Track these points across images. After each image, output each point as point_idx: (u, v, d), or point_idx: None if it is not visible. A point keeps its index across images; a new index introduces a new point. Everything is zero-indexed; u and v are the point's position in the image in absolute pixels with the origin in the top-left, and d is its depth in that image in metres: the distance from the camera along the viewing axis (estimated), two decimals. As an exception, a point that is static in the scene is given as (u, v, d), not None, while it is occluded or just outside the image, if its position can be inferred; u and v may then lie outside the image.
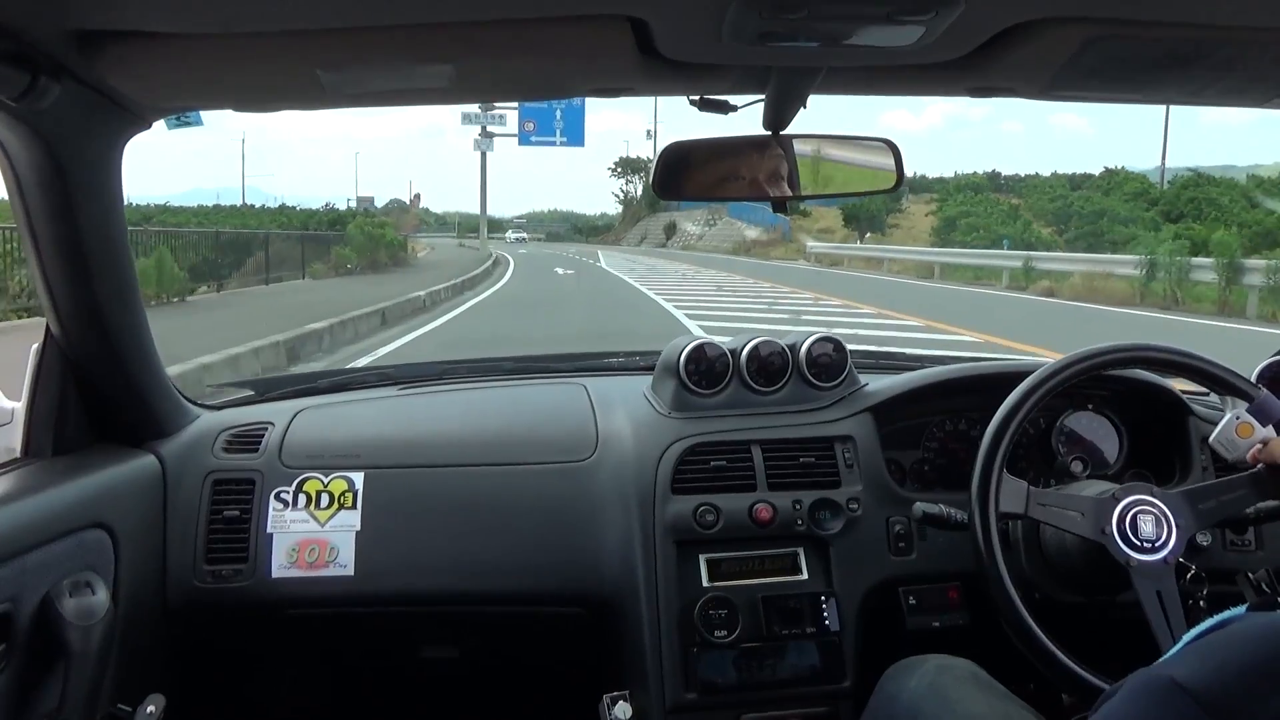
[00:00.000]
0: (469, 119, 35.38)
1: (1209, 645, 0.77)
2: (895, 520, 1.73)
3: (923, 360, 2.13)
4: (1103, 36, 1.08)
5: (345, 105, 1.32)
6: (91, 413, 1.55)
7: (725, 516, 1.69)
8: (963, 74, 1.23)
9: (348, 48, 1.09)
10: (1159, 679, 0.73)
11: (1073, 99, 1.37)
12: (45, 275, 1.39)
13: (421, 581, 1.70)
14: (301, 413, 1.87)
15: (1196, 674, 0.71)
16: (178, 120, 1.40)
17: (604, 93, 1.32)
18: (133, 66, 1.13)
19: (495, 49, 1.12)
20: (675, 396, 1.84)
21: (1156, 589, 1.38)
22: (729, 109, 1.38)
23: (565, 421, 1.87)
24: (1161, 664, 0.77)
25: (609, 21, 1.04)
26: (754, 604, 1.65)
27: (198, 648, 1.75)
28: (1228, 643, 0.76)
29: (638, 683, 1.65)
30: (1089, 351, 1.52)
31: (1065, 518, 1.45)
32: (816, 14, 0.98)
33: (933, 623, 1.70)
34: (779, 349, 1.87)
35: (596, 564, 1.70)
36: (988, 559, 1.43)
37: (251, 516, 1.69)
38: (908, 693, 1.30)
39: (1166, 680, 0.72)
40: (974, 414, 1.82)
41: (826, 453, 1.77)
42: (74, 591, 1.31)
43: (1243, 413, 1.43)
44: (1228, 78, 1.24)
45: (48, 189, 1.28)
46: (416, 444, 1.82)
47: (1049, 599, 1.53)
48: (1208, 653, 0.75)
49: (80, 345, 1.48)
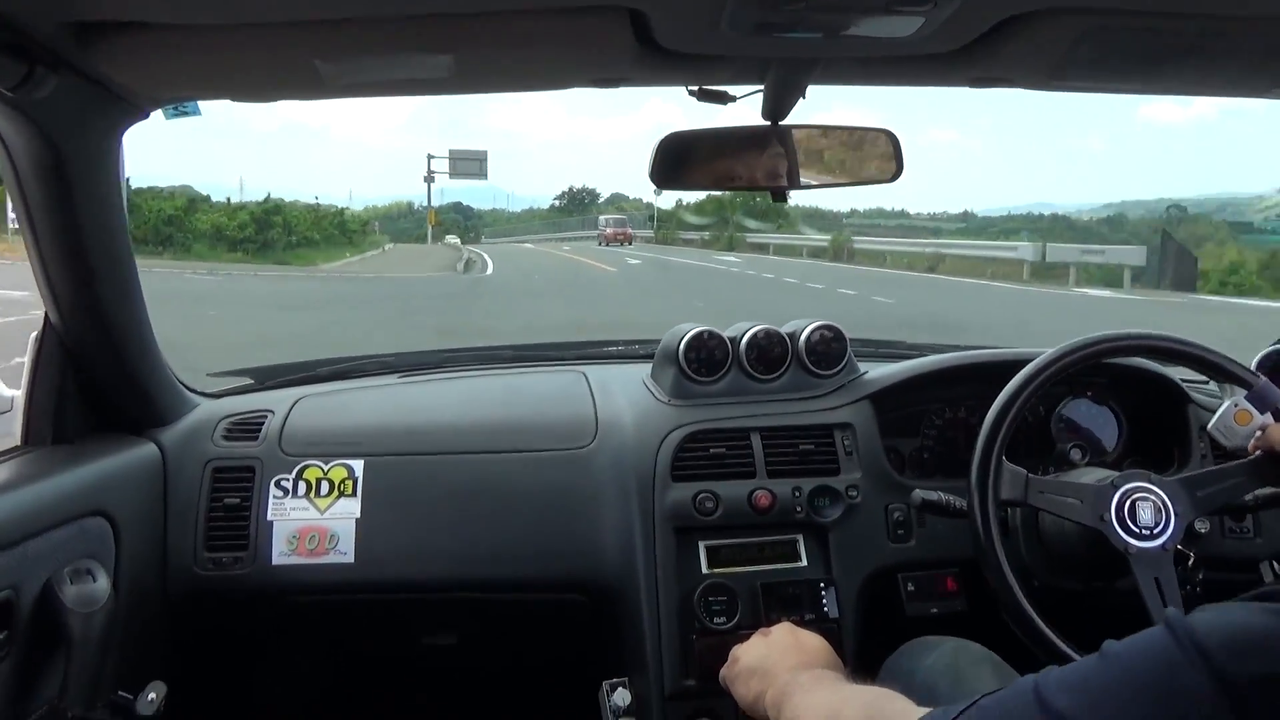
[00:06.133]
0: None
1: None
2: (894, 507, 1.73)
3: (922, 348, 2.13)
4: (1102, 27, 1.08)
5: (343, 95, 1.31)
6: (91, 401, 1.55)
7: (725, 503, 1.69)
8: (963, 64, 1.22)
9: (346, 38, 1.09)
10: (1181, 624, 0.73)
11: (1073, 89, 1.36)
12: (44, 264, 1.39)
13: (421, 569, 1.70)
14: (301, 401, 1.87)
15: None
16: (175, 111, 1.39)
17: (602, 83, 1.31)
18: (130, 57, 1.12)
19: (493, 39, 1.12)
20: (675, 384, 1.84)
21: (1155, 575, 1.39)
22: (728, 99, 1.38)
23: (565, 409, 1.87)
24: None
25: (607, 12, 1.04)
26: (753, 591, 1.66)
27: (198, 635, 1.76)
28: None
29: (637, 669, 1.66)
30: (1088, 340, 1.52)
31: (1064, 505, 1.45)
32: (816, 4, 0.98)
33: (931, 609, 1.71)
34: (779, 337, 1.87)
35: (596, 551, 1.70)
36: (986, 546, 1.44)
37: (252, 504, 1.70)
38: (924, 670, 1.31)
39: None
40: (973, 402, 1.82)
41: (826, 440, 1.77)
42: (75, 579, 1.31)
43: (1241, 400, 1.43)
44: (1227, 68, 1.24)
45: (45, 179, 1.28)
46: (416, 431, 1.82)
47: (1047, 585, 1.53)
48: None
49: (79, 334, 1.48)
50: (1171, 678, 0.71)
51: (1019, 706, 0.78)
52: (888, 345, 2.22)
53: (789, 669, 1.15)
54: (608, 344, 2.32)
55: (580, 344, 2.37)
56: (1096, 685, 0.75)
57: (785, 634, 1.26)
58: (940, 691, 1.25)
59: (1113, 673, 0.74)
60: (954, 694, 1.24)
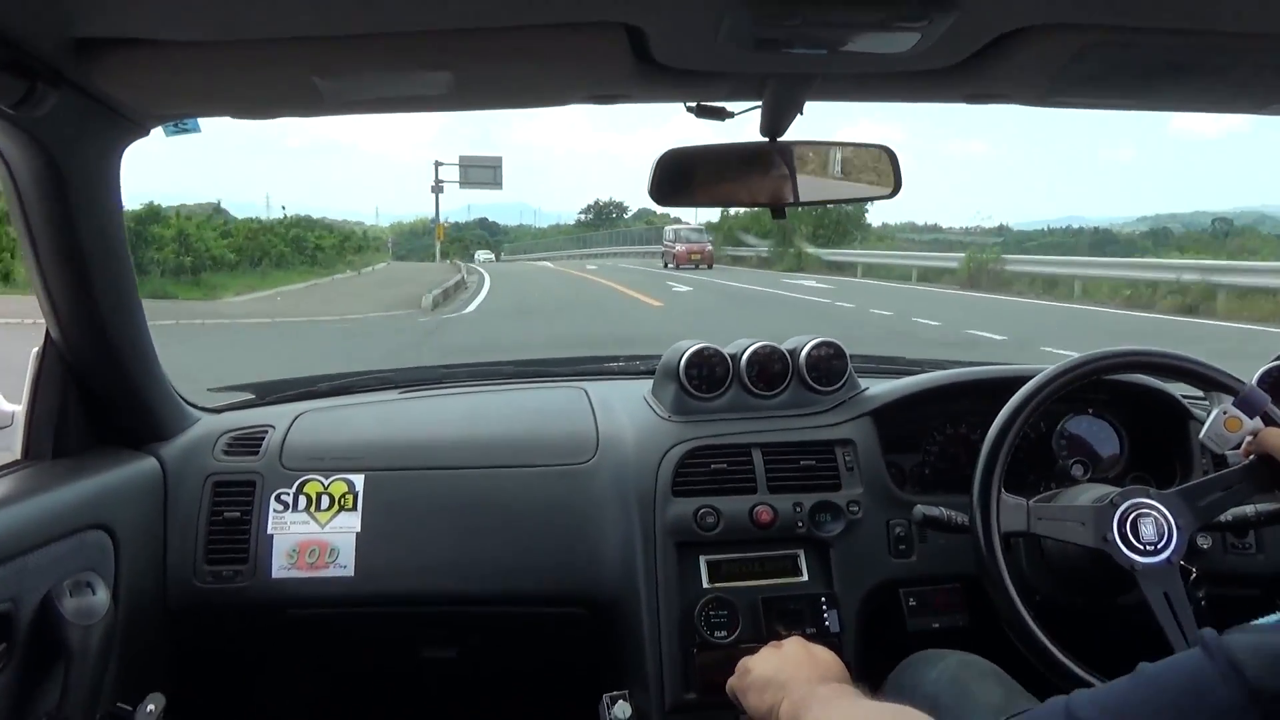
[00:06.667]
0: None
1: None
2: (895, 523, 1.73)
3: (923, 364, 2.13)
4: (1098, 43, 1.08)
5: (343, 112, 1.32)
6: (91, 416, 1.56)
7: (726, 518, 1.69)
8: (959, 80, 1.23)
9: (345, 55, 1.09)
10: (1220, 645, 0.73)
11: (1069, 105, 1.37)
12: (45, 280, 1.40)
13: (422, 582, 1.71)
14: (302, 416, 1.88)
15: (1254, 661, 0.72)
16: (175, 127, 1.40)
17: (600, 99, 1.32)
18: (130, 74, 1.13)
19: (492, 56, 1.12)
20: (675, 400, 1.84)
21: (1164, 590, 1.39)
22: (726, 115, 1.38)
23: (565, 425, 1.87)
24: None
25: (605, 29, 1.04)
26: (754, 605, 1.66)
27: (198, 648, 1.76)
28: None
29: (638, 683, 1.66)
30: (1084, 358, 1.53)
31: (1067, 529, 1.45)
32: (812, 21, 0.98)
33: (933, 624, 1.71)
34: (779, 353, 1.87)
35: (597, 565, 1.70)
36: (989, 561, 1.44)
37: (252, 518, 1.70)
38: (928, 683, 1.31)
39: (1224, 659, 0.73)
40: (973, 418, 1.82)
41: (827, 456, 1.77)
42: (74, 591, 1.32)
43: (1229, 407, 1.43)
44: (1223, 84, 1.24)
45: (46, 195, 1.29)
46: (417, 447, 1.82)
47: (1049, 600, 1.53)
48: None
49: (80, 349, 1.49)
50: (1203, 693, 0.71)
51: None
52: (888, 361, 2.22)
53: (804, 681, 1.15)
54: (608, 360, 2.33)
55: (581, 360, 2.37)
56: (1128, 704, 0.75)
57: (798, 647, 1.26)
58: (944, 705, 1.24)
59: (1145, 692, 0.75)
60: (958, 707, 1.23)
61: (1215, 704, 0.70)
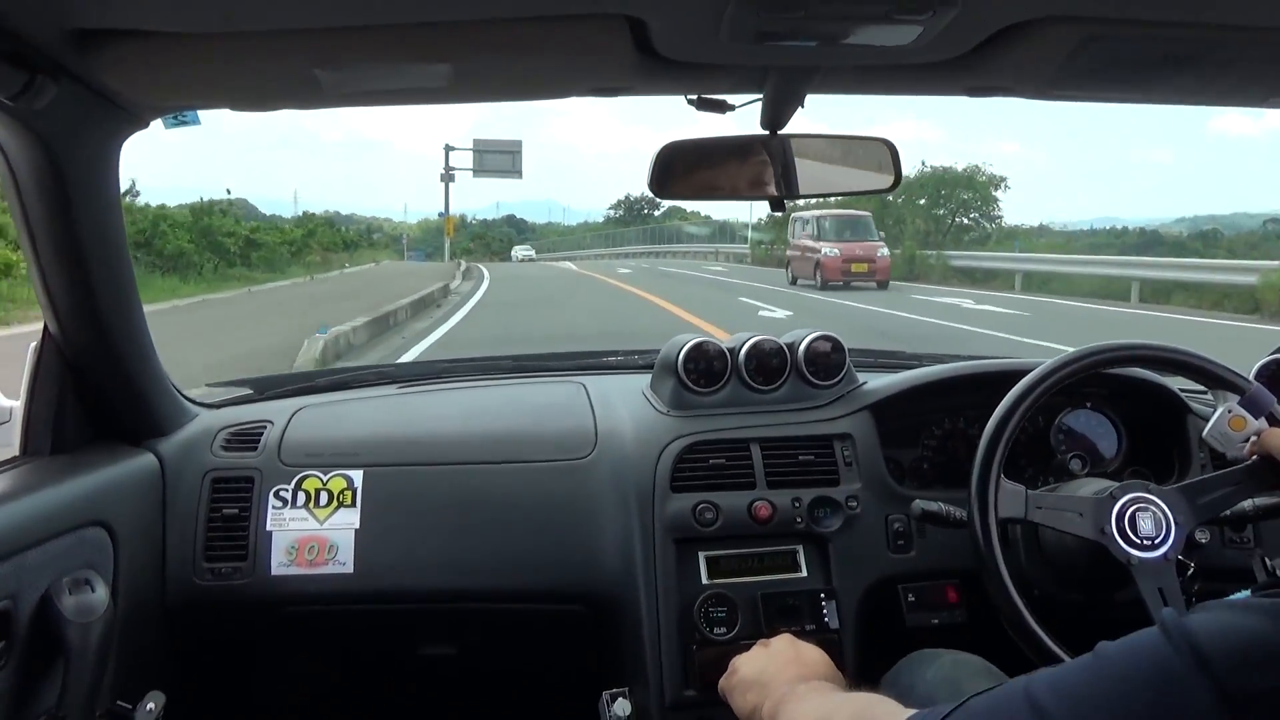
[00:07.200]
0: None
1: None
2: (894, 518, 1.73)
3: (921, 358, 2.13)
4: (1100, 36, 1.08)
5: (343, 104, 1.32)
6: (90, 411, 1.55)
7: (724, 514, 1.69)
8: (961, 73, 1.23)
9: (346, 46, 1.09)
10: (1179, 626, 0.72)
11: (1071, 99, 1.37)
12: (43, 274, 1.39)
13: (421, 579, 1.70)
14: (300, 411, 1.87)
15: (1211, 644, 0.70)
16: (175, 120, 1.39)
17: (601, 92, 1.32)
18: (130, 65, 1.13)
19: (493, 48, 1.12)
20: (674, 395, 1.84)
21: (1158, 586, 1.39)
22: (726, 108, 1.38)
23: (564, 420, 1.87)
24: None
25: (607, 20, 1.04)
26: (753, 601, 1.65)
27: (197, 645, 1.75)
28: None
29: (637, 680, 1.65)
30: (1084, 351, 1.53)
31: (1064, 519, 1.45)
32: (814, 13, 0.98)
33: (932, 620, 1.70)
34: (778, 347, 1.87)
35: (596, 561, 1.70)
36: (987, 557, 1.44)
37: (250, 514, 1.70)
38: (924, 683, 1.31)
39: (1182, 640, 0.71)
40: (972, 412, 1.82)
41: (825, 451, 1.77)
42: (73, 589, 1.31)
43: (1234, 406, 1.43)
44: (1225, 77, 1.24)
45: (45, 188, 1.28)
46: (416, 442, 1.82)
47: (1048, 596, 1.53)
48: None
49: (78, 344, 1.48)
50: (1169, 688, 0.70)
51: (1009, 708, 0.77)
52: (887, 355, 2.22)
53: (787, 680, 1.15)
54: (607, 354, 2.32)
55: (579, 355, 2.37)
56: (1089, 691, 0.74)
57: (785, 645, 1.26)
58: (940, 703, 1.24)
59: (1107, 678, 0.74)
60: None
61: (1182, 701, 0.69)
